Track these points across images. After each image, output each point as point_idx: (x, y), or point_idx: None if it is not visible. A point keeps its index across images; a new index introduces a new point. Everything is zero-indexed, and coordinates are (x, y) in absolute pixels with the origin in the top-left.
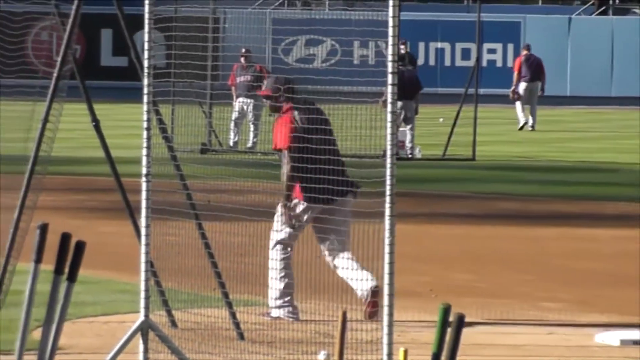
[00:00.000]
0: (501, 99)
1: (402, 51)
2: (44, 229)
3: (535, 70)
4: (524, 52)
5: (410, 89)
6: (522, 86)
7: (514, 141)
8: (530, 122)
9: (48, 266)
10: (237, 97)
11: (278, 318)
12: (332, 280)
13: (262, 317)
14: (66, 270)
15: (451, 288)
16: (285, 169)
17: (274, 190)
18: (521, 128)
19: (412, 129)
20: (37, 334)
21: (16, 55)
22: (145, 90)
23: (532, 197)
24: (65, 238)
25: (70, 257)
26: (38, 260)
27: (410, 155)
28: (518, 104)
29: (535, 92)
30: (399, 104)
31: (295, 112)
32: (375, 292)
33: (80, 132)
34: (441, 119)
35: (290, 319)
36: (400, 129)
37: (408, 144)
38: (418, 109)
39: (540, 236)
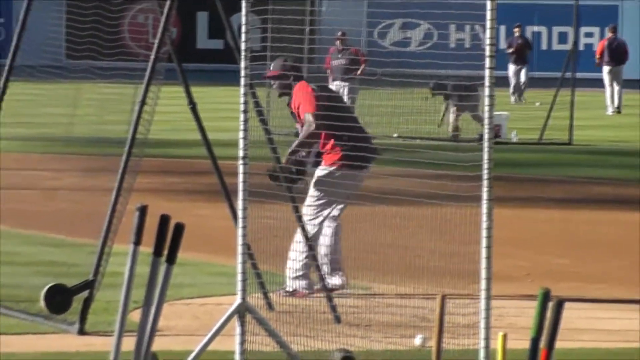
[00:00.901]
0: (598, 82)
1: (517, 34)
2: (143, 210)
3: (619, 54)
4: (609, 35)
5: None
6: (605, 70)
7: (611, 125)
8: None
9: (145, 248)
10: (333, 80)
11: (293, 292)
12: (428, 264)
13: (280, 291)
14: (165, 252)
15: (548, 273)
16: (303, 133)
17: (370, 174)
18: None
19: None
20: (134, 316)
21: (114, 38)
22: (242, 73)
23: (629, 182)
24: (164, 220)
25: (169, 239)
26: (137, 241)
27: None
28: (607, 90)
29: (619, 76)
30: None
31: (311, 85)
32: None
33: (177, 114)
34: (538, 103)
35: (302, 291)
36: (497, 112)
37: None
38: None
39: (637, 221)
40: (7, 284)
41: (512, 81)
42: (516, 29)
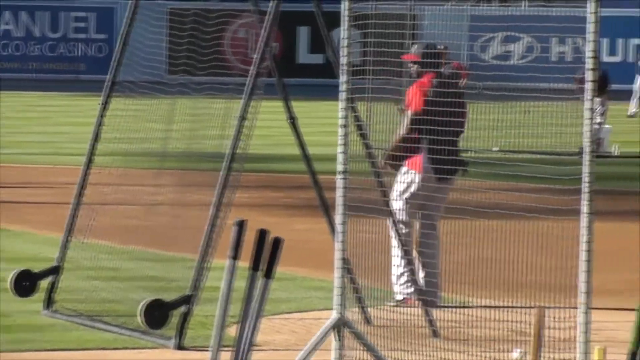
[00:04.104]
0: None
1: None
2: (241, 225)
3: None
4: None
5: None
6: None
7: None
8: None
9: (242, 263)
10: None
11: (403, 301)
12: (527, 278)
13: (388, 304)
14: (263, 266)
15: None
16: (401, 130)
17: (470, 188)
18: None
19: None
20: (231, 331)
21: (212, 51)
22: (342, 88)
23: None
24: (262, 234)
25: (267, 254)
26: (235, 256)
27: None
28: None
29: None
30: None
31: (435, 80)
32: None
33: (277, 129)
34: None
35: (412, 298)
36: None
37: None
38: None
39: None
40: (106, 299)
41: (638, 94)
42: None
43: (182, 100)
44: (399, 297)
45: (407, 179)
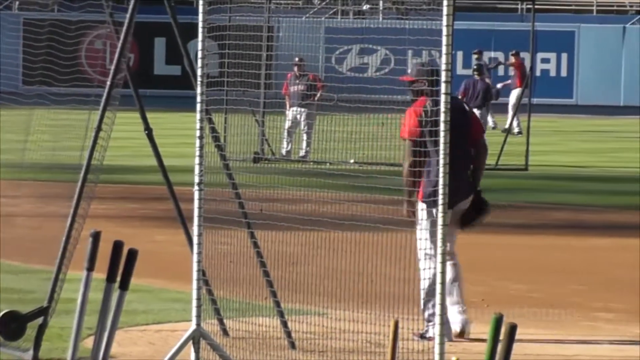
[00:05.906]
0: (555, 108)
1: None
2: (96, 236)
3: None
4: (517, 59)
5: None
6: (516, 92)
7: (566, 151)
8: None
9: (100, 274)
10: (291, 106)
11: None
12: (383, 290)
13: (415, 338)
14: (118, 278)
15: (504, 298)
16: (405, 163)
17: (326, 200)
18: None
19: None
20: (88, 343)
21: (70, 63)
22: (199, 99)
23: (585, 207)
24: (117, 246)
25: (122, 265)
26: (90, 268)
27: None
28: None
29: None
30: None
31: (429, 103)
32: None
33: (133, 140)
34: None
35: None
36: None
37: None
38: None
39: (594, 246)
40: None
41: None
42: (476, 55)
43: (39, 111)
44: (428, 334)
45: (424, 213)
